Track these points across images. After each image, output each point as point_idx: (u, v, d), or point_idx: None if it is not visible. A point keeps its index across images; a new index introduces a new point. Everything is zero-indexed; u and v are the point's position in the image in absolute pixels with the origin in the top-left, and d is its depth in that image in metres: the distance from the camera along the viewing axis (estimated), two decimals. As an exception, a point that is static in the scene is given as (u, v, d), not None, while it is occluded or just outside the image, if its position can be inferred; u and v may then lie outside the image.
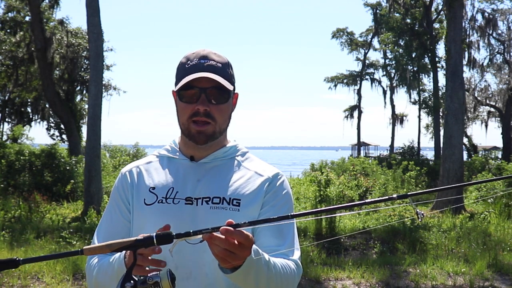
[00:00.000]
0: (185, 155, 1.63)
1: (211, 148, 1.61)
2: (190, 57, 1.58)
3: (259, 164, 1.68)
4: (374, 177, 15.48)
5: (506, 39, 26.31)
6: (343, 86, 37.26)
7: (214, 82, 1.52)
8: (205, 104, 1.52)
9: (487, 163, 21.85)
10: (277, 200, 1.59)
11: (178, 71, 1.60)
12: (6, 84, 22.38)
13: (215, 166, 1.61)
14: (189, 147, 1.62)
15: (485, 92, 29.13)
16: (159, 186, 1.58)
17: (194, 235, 1.12)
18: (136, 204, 1.59)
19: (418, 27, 27.56)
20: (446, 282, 6.43)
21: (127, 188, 1.63)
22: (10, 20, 21.04)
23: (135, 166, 1.68)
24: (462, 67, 13.32)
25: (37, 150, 14.26)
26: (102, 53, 11.27)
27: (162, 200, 1.54)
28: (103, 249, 1.13)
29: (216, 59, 1.57)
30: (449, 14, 13.07)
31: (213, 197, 1.53)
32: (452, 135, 12.55)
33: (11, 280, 6.16)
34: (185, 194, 1.54)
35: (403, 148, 29.49)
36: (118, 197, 1.64)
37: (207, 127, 1.54)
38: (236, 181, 1.58)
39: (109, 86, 23.51)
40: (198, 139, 1.55)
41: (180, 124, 1.60)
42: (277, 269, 1.41)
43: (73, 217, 10.54)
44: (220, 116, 1.57)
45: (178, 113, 1.60)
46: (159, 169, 1.64)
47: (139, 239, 1.12)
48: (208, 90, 1.52)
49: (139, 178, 1.64)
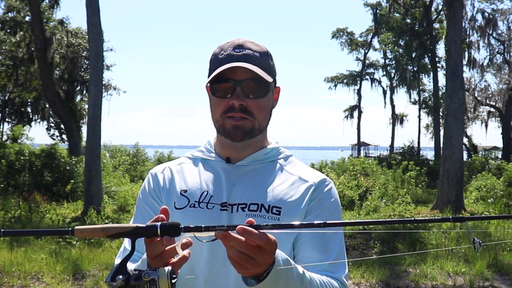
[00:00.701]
0: (220, 157, 1.48)
1: (250, 149, 1.45)
2: (224, 47, 1.41)
3: (303, 168, 1.50)
4: (374, 177, 15.48)
5: (506, 39, 26.30)
6: (343, 86, 37.27)
7: (250, 73, 1.35)
8: (240, 99, 1.36)
9: (487, 163, 21.85)
10: (323, 209, 1.41)
11: (210, 63, 1.44)
12: (6, 84, 22.38)
13: (254, 169, 1.45)
14: (225, 147, 1.47)
15: (485, 92, 29.13)
16: (192, 189, 1.43)
17: (206, 231, 0.99)
18: None
19: (418, 27, 27.57)
20: (446, 282, 6.43)
21: (159, 190, 1.48)
22: (10, 20, 21.03)
23: (166, 167, 1.53)
24: (462, 67, 13.32)
25: (37, 150, 14.26)
26: (102, 53, 11.27)
27: (195, 204, 1.39)
28: (96, 232, 0.99)
29: (253, 48, 1.40)
30: (449, 14, 13.07)
31: (250, 203, 1.37)
32: (452, 135, 12.55)
33: (11, 280, 6.16)
34: (220, 199, 1.39)
35: (403, 148, 29.50)
36: (149, 198, 1.48)
37: (244, 121, 1.38)
38: (277, 187, 1.41)
39: (109, 86, 23.51)
40: (234, 135, 1.39)
41: (214, 121, 1.44)
42: (314, 285, 1.21)
43: (73, 217, 10.54)
44: (259, 112, 1.39)
45: (211, 109, 1.45)
46: (192, 171, 1.49)
47: (141, 227, 0.99)
48: (244, 83, 1.36)
49: (170, 180, 1.48)
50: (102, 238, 6.68)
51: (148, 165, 22.86)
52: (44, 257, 7.07)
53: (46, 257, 7.06)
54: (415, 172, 16.47)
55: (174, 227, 0.99)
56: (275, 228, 1.01)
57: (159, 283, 0.96)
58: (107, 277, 0.96)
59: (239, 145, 1.42)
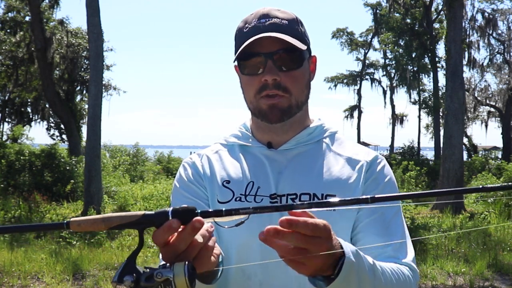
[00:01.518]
0: (260, 142, 1.32)
1: (292, 131, 1.30)
2: (248, 19, 1.27)
3: (352, 147, 1.35)
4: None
5: (506, 39, 26.31)
6: (343, 86, 37.24)
7: (281, 43, 1.20)
8: (273, 73, 1.20)
9: (487, 163, 21.86)
10: (379, 189, 1.26)
11: (236, 40, 1.29)
12: (6, 84, 22.39)
13: (299, 153, 1.29)
14: (264, 131, 1.31)
15: (485, 92, 29.14)
16: (235, 179, 1.26)
17: (228, 215, 0.83)
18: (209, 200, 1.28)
19: (418, 27, 27.57)
20: (446, 282, 6.43)
21: (199, 176, 1.30)
22: (10, 20, 21.04)
23: (203, 154, 1.36)
24: (462, 67, 13.33)
25: (37, 150, 14.26)
26: (102, 53, 11.28)
27: (241, 198, 1.23)
28: (97, 223, 0.83)
29: (280, 15, 1.25)
30: (449, 14, 13.07)
31: (301, 193, 1.22)
32: (452, 135, 12.55)
33: (11, 280, 6.16)
34: (269, 190, 1.23)
35: (403, 148, 29.49)
36: (189, 184, 1.30)
37: (280, 99, 1.22)
38: (327, 172, 1.26)
39: (109, 86, 23.52)
40: (271, 116, 1.24)
41: (248, 103, 1.29)
42: (387, 277, 1.06)
43: (73, 217, 10.53)
44: (296, 86, 1.24)
45: (243, 90, 1.30)
46: (232, 159, 1.32)
47: (149, 214, 0.82)
48: (275, 55, 1.20)
49: (210, 168, 1.31)
50: (102, 238, 6.70)
51: (148, 165, 22.87)
52: (44, 257, 7.07)
53: (46, 257, 7.06)
54: (415, 172, 16.47)
55: (189, 211, 0.82)
56: (312, 206, 0.83)
57: (175, 283, 0.79)
58: (114, 276, 0.81)
59: (278, 126, 1.27)
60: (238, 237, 1.20)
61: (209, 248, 0.84)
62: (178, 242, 0.80)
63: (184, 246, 0.80)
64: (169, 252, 0.81)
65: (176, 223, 0.79)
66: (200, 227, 0.79)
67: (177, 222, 0.79)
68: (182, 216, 0.81)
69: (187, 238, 0.80)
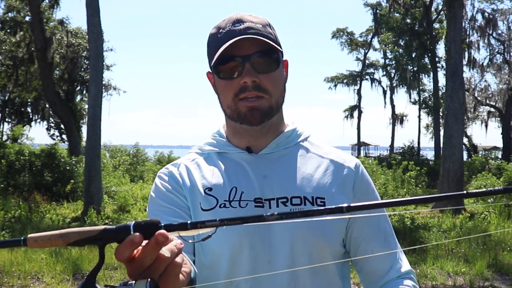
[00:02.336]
0: (238, 147, 1.30)
1: (270, 134, 1.29)
2: (221, 25, 1.25)
3: (330, 149, 1.35)
4: (374, 177, 15.47)
5: (506, 39, 26.31)
6: (343, 86, 37.27)
7: (258, 45, 1.19)
8: (253, 75, 1.19)
9: (487, 163, 21.86)
10: (369, 196, 1.29)
11: (209, 46, 1.27)
12: (6, 84, 22.39)
13: (281, 156, 1.28)
14: (242, 136, 1.29)
15: (485, 92, 29.15)
16: (218, 186, 1.23)
17: (193, 228, 0.76)
18: (190, 210, 1.24)
19: (418, 27, 27.58)
20: (446, 282, 6.43)
21: (179, 185, 1.26)
22: (10, 20, 21.05)
23: (180, 163, 1.33)
24: (462, 67, 13.32)
25: (37, 150, 14.27)
26: (102, 53, 11.28)
27: (225, 204, 1.20)
28: (54, 239, 0.77)
29: (254, 20, 1.24)
30: (449, 14, 13.07)
31: (292, 197, 1.20)
32: (452, 135, 12.55)
33: (11, 280, 6.16)
34: (253, 194, 1.21)
35: (403, 148, 29.50)
36: (167, 193, 1.26)
37: (261, 101, 1.21)
38: (313, 175, 1.25)
39: (109, 86, 23.53)
40: (252, 118, 1.21)
41: (225, 108, 1.27)
42: None
43: (73, 217, 10.54)
44: (275, 87, 1.23)
45: (220, 96, 1.27)
46: (211, 166, 1.29)
47: (109, 229, 0.76)
48: (252, 57, 1.19)
49: (189, 176, 1.27)
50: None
51: (148, 165, 22.87)
52: (44, 257, 7.08)
53: (46, 257, 7.07)
54: (415, 172, 16.47)
55: (152, 225, 0.75)
56: (283, 217, 0.75)
57: None
58: None
59: (258, 129, 1.26)
60: (228, 242, 1.18)
61: (177, 264, 0.77)
62: (143, 257, 0.74)
63: (150, 261, 0.75)
64: (134, 268, 0.76)
65: (138, 238, 0.73)
66: (164, 241, 0.73)
67: (139, 236, 0.73)
68: (144, 230, 0.75)
69: (152, 252, 0.74)
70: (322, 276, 1.22)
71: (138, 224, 0.75)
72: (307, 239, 1.18)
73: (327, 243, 1.20)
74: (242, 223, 0.75)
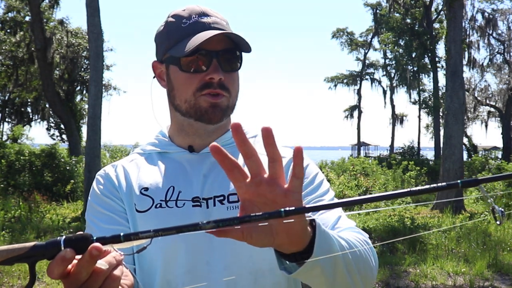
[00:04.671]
0: (180, 147, 1.26)
1: (215, 134, 1.25)
2: (183, 14, 1.19)
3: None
4: (374, 177, 15.49)
5: (506, 39, 26.34)
6: (343, 86, 37.31)
7: (226, 42, 1.16)
8: (219, 72, 1.15)
9: (487, 163, 21.86)
10: (318, 188, 1.21)
11: (168, 34, 1.20)
12: (6, 84, 22.41)
13: None
14: (187, 134, 1.25)
15: (485, 92, 29.17)
16: (154, 185, 1.19)
17: (127, 240, 0.73)
18: (127, 213, 1.20)
19: (418, 27, 27.60)
20: (446, 282, 6.43)
21: (115, 188, 1.22)
22: (10, 20, 21.07)
23: (117, 164, 1.29)
24: (462, 67, 13.33)
25: (37, 150, 14.28)
26: (102, 53, 11.28)
27: (161, 204, 1.16)
28: None
29: (219, 16, 1.20)
30: (449, 14, 13.07)
31: (229, 194, 1.16)
32: (452, 135, 12.56)
33: (11, 280, 6.17)
34: (190, 194, 1.17)
35: (403, 148, 29.51)
36: (104, 198, 1.21)
37: (222, 99, 1.17)
38: None
39: (109, 86, 23.55)
40: (213, 115, 1.17)
41: (180, 102, 1.20)
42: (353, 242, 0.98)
43: (73, 217, 10.55)
44: (234, 88, 1.21)
45: (174, 89, 1.21)
46: (150, 166, 1.25)
47: (39, 245, 0.73)
48: (221, 54, 1.16)
49: (125, 178, 1.23)
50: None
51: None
52: (44, 257, 7.08)
53: (46, 257, 7.07)
54: (415, 172, 16.48)
55: (83, 239, 0.73)
56: (220, 225, 0.72)
57: None
58: None
59: (210, 128, 1.22)
60: (162, 243, 1.11)
61: (115, 278, 0.75)
62: (78, 272, 0.72)
63: (86, 276, 0.72)
64: (70, 284, 0.73)
65: (69, 254, 0.70)
66: (98, 254, 0.70)
67: (70, 252, 0.71)
68: (76, 244, 0.72)
69: (87, 267, 0.71)
70: (267, 276, 1.14)
71: (69, 239, 0.72)
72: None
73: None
74: (176, 232, 0.72)
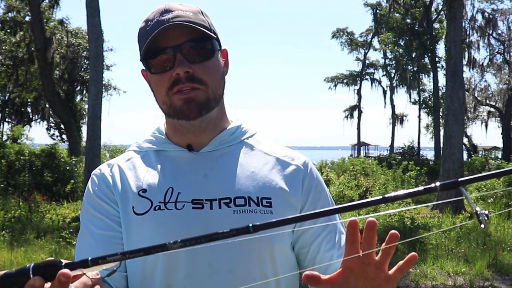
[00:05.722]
0: (179, 145, 1.20)
1: (210, 130, 1.19)
2: (150, 17, 1.16)
3: (275, 147, 1.26)
4: (374, 177, 15.49)
5: (506, 39, 26.34)
6: (343, 86, 37.29)
7: (189, 34, 1.11)
8: (185, 65, 1.10)
9: (487, 163, 21.87)
10: (320, 196, 1.21)
11: (139, 41, 1.18)
12: (6, 84, 22.41)
13: (224, 154, 1.19)
14: (182, 133, 1.20)
15: (485, 92, 29.16)
16: (152, 187, 1.14)
17: (95, 265, 0.73)
18: (121, 215, 1.14)
19: (418, 27, 27.60)
20: (446, 282, 6.43)
21: (110, 190, 1.17)
22: (10, 20, 21.07)
23: (113, 163, 1.23)
24: (462, 67, 13.33)
25: (37, 150, 14.28)
26: (102, 53, 11.29)
27: (160, 206, 1.11)
28: None
29: (184, 8, 1.15)
30: (449, 14, 13.07)
31: (235, 197, 1.11)
32: (452, 135, 12.55)
33: (11, 280, 6.17)
34: (190, 195, 1.12)
35: (403, 148, 29.49)
36: (98, 201, 1.17)
37: (196, 92, 1.12)
38: (258, 173, 1.16)
39: (109, 86, 23.55)
40: (189, 111, 1.12)
41: (161, 104, 1.18)
42: None
43: (73, 217, 10.54)
44: (211, 77, 1.14)
45: (154, 93, 1.19)
46: (147, 166, 1.19)
47: (10, 274, 0.74)
48: (183, 47, 1.11)
49: (122, 178, 1.18)
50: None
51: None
52: (44, 257, 7.08)
53: (46, 257, 7.07)
54: (415, 172, 16.47)
55: (51, 266, 0.73)
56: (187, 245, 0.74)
57: None
58: None
59: (197, 124, 1.16)
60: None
61: None
62: None
63: None
64: None
65: (38, 282, 0.71)
66: (66, 281, 0.71)
67: (38, 280, 0.72)
68: (44, 272, 0.74)
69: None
70: (271, 282, 1.12)
71: (38, 266, 0.73)
72: (251, 240, 1.08)
73: (275, 244, 1.12)
74: (144, 254, 0.72)
